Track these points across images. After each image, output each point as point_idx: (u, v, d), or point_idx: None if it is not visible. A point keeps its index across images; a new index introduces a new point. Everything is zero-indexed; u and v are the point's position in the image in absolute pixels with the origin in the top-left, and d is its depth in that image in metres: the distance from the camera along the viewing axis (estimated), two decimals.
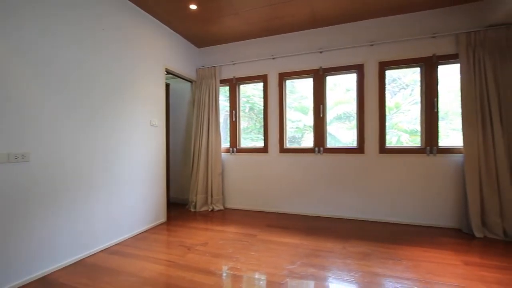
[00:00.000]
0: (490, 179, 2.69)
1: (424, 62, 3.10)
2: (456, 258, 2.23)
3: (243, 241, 2.65)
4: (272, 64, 3.79)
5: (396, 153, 3.21)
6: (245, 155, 3.94)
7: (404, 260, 2.20)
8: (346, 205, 3.40)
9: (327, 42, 3.50)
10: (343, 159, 3.42)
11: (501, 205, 2.65)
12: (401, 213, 3.18)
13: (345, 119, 3.76)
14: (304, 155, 3.62)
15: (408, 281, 1.88)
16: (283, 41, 3.72)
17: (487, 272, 2.00)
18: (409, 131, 3.46)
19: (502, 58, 2.71)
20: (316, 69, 3.55)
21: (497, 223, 2.64)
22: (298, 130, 4.03)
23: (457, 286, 1.82)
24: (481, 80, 2.75)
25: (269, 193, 3.78)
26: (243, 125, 4.22)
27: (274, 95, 3.78)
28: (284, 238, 2.72)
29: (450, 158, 3.00)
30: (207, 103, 3.96)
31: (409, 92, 3.47)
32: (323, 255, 2.30)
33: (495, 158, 2.67)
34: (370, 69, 3.31)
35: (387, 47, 3.24)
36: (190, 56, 4.03)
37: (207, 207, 3.90)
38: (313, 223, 3.24)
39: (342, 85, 3.69)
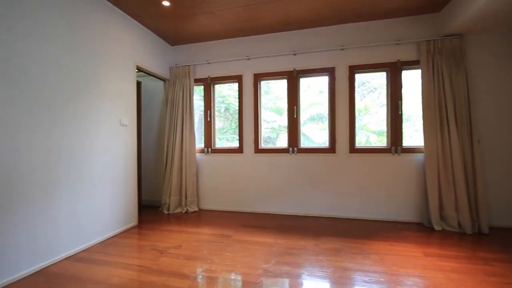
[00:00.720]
0: (447, 177, 2.93)
1: (389, 67, 3.30)
2: (418, 250, 2.40)
3: (218, 242, 2.63)
4: (247, 65, 3.80)
5: (365, 152, 3.38)
6: (220, 155, 3.92)
7: (372, 254, 2.32)
8: (319, 203, 3.51)
9: (300, 45, 3.59)
10: (316, 159, 3.53)
11: (456, 200, 2.89)
12: (370, 209, 3.35)
13: (318, 120, 3.88)
14: (278, 155, 3.68)
15: (375, 274, 1.99)
16: (258, 42, 3.75)
17: (444, 262, 2.18)
18: (377, 132, 3.65)
19: (456, 65, 2.96)
20: (290, 71, 3.63)
21: (453, 217, 2.89)
22: (273, 130, 4.08)
23: (418, 276, 1.95)
24: (439, 85, 2.99)
25: (244, 193, 3.79)
26: (218, 125, 4.18)
27: (249, 96, 3.80)
28: (259, 238, 2.74)
29: (413, 157, 3.22)
30: (181, 102, 3.88)
31: (377, 95, 3.66)
32: (296, 253, 2.36)
33: (451, 158, 2.92)
34: (341, 72, 3.45)
35: (357, 52, 3.39)
36: (163, 54, 3.92)
37: (181, 209, 3.82)
38: (287, 222, 3.31)
39: (315, 87, 3.80)
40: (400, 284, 1.85)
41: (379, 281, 1.88)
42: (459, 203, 2.87)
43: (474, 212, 2.85)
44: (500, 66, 3.00)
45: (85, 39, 2.57)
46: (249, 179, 3.78)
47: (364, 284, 1.85)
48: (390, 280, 1.90)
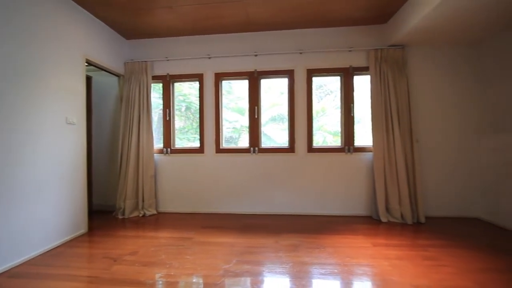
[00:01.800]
0: (391, 173, 3.25)
1: (343, 72, 3.54)
2: (367, 241, 2.62)
3: (178, 246, 2.55)
4: (208, 64, 3.75)
5: (321, 152, 3.57)
6: (180, 155, 3.80)
7: (327, 248, 2.47)
8: (279, 201, 3.62)
9: (262, 46, 3.65)
10: (276, 159, 3.63)
11: (399, 194, 3.22)
12: (326, 205, 3.55)
13: (279, 121, 3.99)
14: (240, 155, 3.70)
15: (330, 266, 2.12)
16: (220, 41, 3.72)
17: (389, 250, 2.41)
18: (332, 133, 3.88)
19: (399, 73, 3.30)
20: (251, 72, 3.67)
21: (396, 209, 3.21)
22: (235, 130, 4.09)
23: (367, 265, 2.13)
24: (385, 90, 3.29)
25: (205, 194, 3.74)
26: (179, 125, 4.05)
27: (210, 95, 3.75)
28: (220, 238, 2.73)
29: (363, 156, 3.50)
30: (137, 100, 3.67)
31: (333, 98, 3.89)
32: (257, 251, 2.40)
33: (395, 156, 3.24)
34: (299, 75, 3.60)
35: (314, 56, 3.57)
36: (118, 48, 3.67)
37: (138, 213, 3.62)
38: (248, 221, 3.34)
39: (276, 88, 3.90)
40: (352, 273, 2.00)
41: (334, 272, 2.01)
42: (402, 197, 3.20)
43: (413, 204, 3.21)
44: (435, 75, 3.42)
45: (25, 28, 2.29)
46: (210, 180, 3.73)
47: (320, 276, 1.96)
48: (343, 271, 2.04)
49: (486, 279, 1.90)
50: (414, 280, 1.88)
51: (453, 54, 3.41)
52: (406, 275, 1.95)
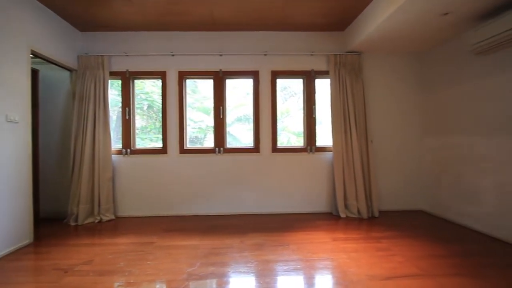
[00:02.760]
0: (349, 171, 3.47)
1: (305, 75, 3.69)
2: (327, 237, 2.77)
3: (138, 251, 2.43)
4: (171, 61, 3.63)
5: (285, 152, 3.68)
6: (141, 156, 3.62)
7: (291, 245, 2.55)
8: (245, 201, 3.64)
9: (227, 46, 3.64)
10: (241, 159, 3.65)
11: (356, 190, 3.46)
12: (290, 204, 3.66)
13: (245, 121, 4.02)
14: (205, 156, 3.65)
15: (293, 262, 2.20)
16: (184, 39, 3.63)
17: (347, 244, 2.57)
18: (296, 133, 4.02)
19: (355, 78, 3.54)
20: (216, 71, 3.64)
21: (354, 205, 3.44)
22: (200, 130, 4.02)
23: (327, 259, 2.25)
24: (343, 94, 3.51)
25: (169, 196, 3.61)
26: (140, 124, 3.86)
27: (174, 94, 3.64)
28: (183, 241, 2.66)
29: (324, 155, 3.68)
30: (93, 97, 3.41)
31: (296, 99, 4.03)
32: (222, 252, 2.39)
33: (352, 155, 3.47)
34: (264, 76, 3.66)
35: (278, 58, 3.66)
36: (70, 40, 3.37)
37: (94, 219, 3.36)
38: (213, 222, 3.31)
39: (242, 89, 3.92)
40: (313, 268, 2.10)
41: (296, 268, 2.09)
42: (358, 193, 3.43)
43: (368, 200, 3.47)
44: (387, 80, 3.73)
45: None
46: (174, 181, 3.62)
47: (284, 273, 2.02)
48: (305, 266, 2.13)
49: (429, 264, 2.12)
50: (369, 270, 2.03)
51: (402, 62, 3.75)
52: (362, 266, 2.10)
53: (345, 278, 1.94)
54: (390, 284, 1.84)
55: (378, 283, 1.85)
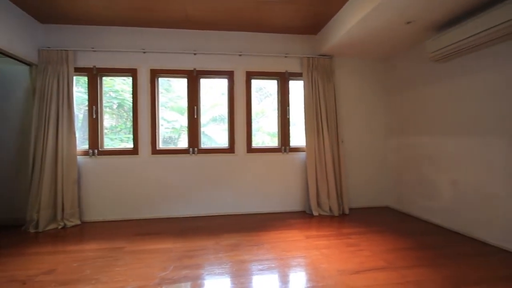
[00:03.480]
0: (321, 171, 3.58)
1: (279, 76, 3.75)
2: (301, 235, 2.84)
3: (106, 258, 2.32)
4: (143, 59, 3.50)
5: (260, 152, 3.72)
6: (110, 157, 3.45)
7: (265, 244, 2.58)
8: (220, 202, 3.62)
9: (201, 45, 3.59)
10: (216, 159, 3.62)
11: (328, 189, 3.58)
12: (265, 203, 3.70)
13: (220, 121, 3.99)
14: (178, 156, 3.56)
15: (268, 261, 2.23)
16: (156, 36, 3.51)
17: (320, 241, 2.66)
18: (271, 134, 4.07)
19: (327, 80, 3.67)
20: (191, 70, 3.58)
21: (326, 203, 3.57)
22: (174, 130, 3.92)
23: (301, 256, 2.31)
24: (316, 96, 3.61)
25: (140, 199, 3.48)
26: (110, 124, 3.67)
27: (146, 92, 3.51)
28: (156, 245, 2.58)
29: (298, 155, 3.77)
30: (55, 94, 3.19)
31: (272, 100, 4.08)
32: (196, 255, 2.36)
33: (324, 155, 3.59)
34: (239, 77, 3.66)
35: (253, 59, 3.68)
36: (28, 32, 3.12)
37: (57, 225, 3.14)
38: (188, 224, 3.25)
39: (217, 88, 3.89)
40: (287, 266, 2.14)
41: (271, 267, 2.12)
42: (330, 191, 3.56)
43: (339, 198, 3.62)
44: (356, 83, 3.92)
45: None
46: (146, 183, 3.50)
47: (259, 272, 2.04)
48: (280, 264, 2.16)
49: (394, 257, 2.26)
50: (340, 266, 2.12)
51: (370, 67, 3.96)
52: (333, 262, 2.19)
53: (317, 274, 2.00)
54: (359, 278, 1.93)
55: (348, 277, 1.94)
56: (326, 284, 1.85)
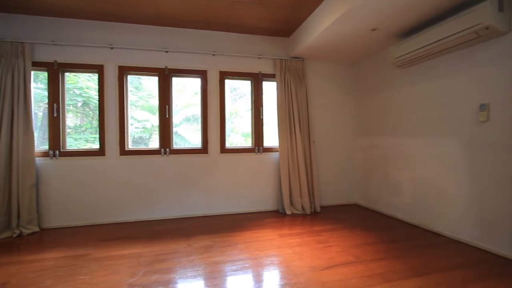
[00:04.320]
0: (294, 170, 3.67)
1: (253, 77, 3.78)
2: (274, 233, 2.88)
3: (69, 267, 2.17)
4: (110, 54, 3.32)
5: (234, 152, 3.71)
6: (74, 159, 3.23)
7: (239, 244, 2.59)
8: (193, 203, 3.56)
9: (173, 43, 3.49)
10: (189, 160, 3.55)
11: (300, 188, 3.68)
12: (239, 204, 3.70)
13: (194, 121, 3.91)
14: (149, 157, 3.44)
15: (241, 261, 2.23)
16: (125, 32, 3.36)
17: (292, 239, 2.72)
18: (245, 134, 4.08)
19: (299, 82, 3.76)
20: (162, 69, 3.47)
21: (298, 202, 3.66)
22: (145, 130, 3.77)
23: (274, 255, 2.35)
24: (288, 97, 3.69)
25: (107, 202, 3.31)
26: (74, 123, 3.44)
27: (113, 90, 3.34)
28: (124, 250, 2.47)
29: (271, 155, 3.83)
30: (9, 90, 2.92)
31: (246, 101, 4.08)
32: (168, 258, 2.30)
33: (296, 155, 3.68)
34: (212, 76, 3.63)
35: (227, 59, 3.66)
36: None
37: (11, 233, 2.88)
38: (159, 227, 3.15)
39: (191, 88, 3.81)
40: (261, 265, 2.17)
41: (244, 267, 2.13)
42: (302, 190, 3.66)
43: (311, 197, 3.73)
44: (327, 86, 4.06)
45: None
46: (113, 185, 3.33)
47: (232, 273, 2.04)
48: (253, 264, 2.18)
49: (361, 251, 2.39)
50: (311, 262, 2.19)
51: (339, 70, 4.13)
52: (305, 259, 2.25)
53: (290, 271, 2.05)
54: (329, 273, 2.01)
55: (319, 273, 2.01)
56: (298, 281, 1.90)
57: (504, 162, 2.24)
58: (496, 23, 2.10)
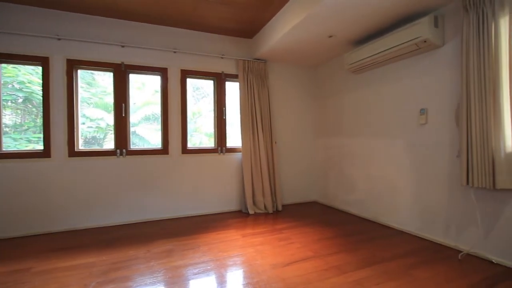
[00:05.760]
0: (257, 170, 3.73)
1: (216, 77, 3.75)
2: (237, 234, 2.89)
3: (6, 284, 1.93)
4: (57, 46, 3.02)
5: (196, 153, 3.64)
6: (12, 162, 2.87)
7: (201, 247, 2.55)
8: (153, 207, 3.41)
9: (131, 38, 3.30)
10: (148, 161, 3.40)
11: (263, 187, 3.75)
12: (202, 205, 3.64)
13: (154, 120, 3.74)
14: (103, 158, 3.21)
15: (204, 263, 2.20)
16: (76, 22, 3.08)
17: (255, 238, 2.76)
18: (208, 134, 4.02)
19: (261, 83, 3.84)
20: (118, 64, 3.26)
21: (261, 201, 3.72)
22: (99, 129, 3.50)
23: (237, 255, 2.36)
24: (251, 98, 3.74)
25: (54, 209, 3.00)
26: (14, 121, 3.05)
27: (61, 85, 3.05)
28: (74, 261, 2.27)
29: (234, 155, 3.83)
30: None
31: (209, 100, 4.02)
32: (124, 266, 2.17)
33: (259, 155, 3.74)
34: (173, 75, 3.51)
35: (189, 57, 3.58)
36: None
37: None
38: (115, 233, 2.96)
39: (151, 86, 3.64)
40: (224, 266, 2.16)
41: (207, 270, 2.10)
42: (265, 190, 3.73)
43: (273, 196, 3.82)
44: (288, 88, 4.20)
45: None
46: (61, 190, 3.04)
47: (194, 276, 2.00)
48: (216, 266, 2.16)
49: (320, 246, 2.52)
50: (273, 260, 2.25)
51: (300, 73, 4.30)
52: (267, 257, 2.30)
53: (252, 270, 2.08)
54: (290, 269, 2.09)
55: (280, 270, 2.07)
56: (260, 280, 1.94)
57: (439, 160, 2.54)
58: (432, 37, 2.38)
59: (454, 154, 2.41)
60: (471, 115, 2.13)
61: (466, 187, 2.30)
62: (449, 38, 2.44)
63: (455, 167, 2.41)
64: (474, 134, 2.12)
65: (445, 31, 2.47)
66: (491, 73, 2.02)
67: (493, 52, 2.00)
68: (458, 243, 2.41)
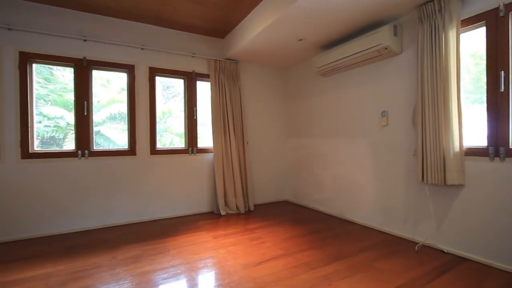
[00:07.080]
0: (228, 171, 3.71)
1: (186, 76, 3.67)
2: (208, 235, 2.86)
3: None
4: (9, 38, 2.75)
5: (165, 154, 3.53)
6: None
7: (171, 250, 2.47)
8: (119, 211, 3.24)
9: (94, 31, 3.11)
10: (113, 162, 3.22)
11: (235, 188, 3.74)
12: (172, 207, 3.54)
13: (120, 120, 3.56)
14: (63, 160, 2.98)
15: (174, 267, 2.14)
16: (30, 11, 2.82)
17: (227, 239, 2.74)
18: (179, 134, 3.92)
19: (233, 84, 3.83)
20: (79, 59, 3.05)
21: (233, 202, 3.71)
22: (58, 129, 3.24)
23: (208, 257, 2.33)
24: (223, 98, 3.71)
25: (9, 216, 2.72)
26: None
27: (11, 80, 2.77)
28: (27, 272, 2.08)
29: (206, 156, 3.78)
30: None
31: (180, 100, 3.92)
32: (86, 275, 2.04)
33: (231, 155, 3.73)
34: (141, 72, 3.37)
35: (158, 55, 3.46)
36: None
37: None
38: (76, 240, 2.76)
39: (116, 83, 3.45)
40: (194, 269, 2.12)
41: (177, 273, 2.05)
42: (237, 190, 3.73)
43: (245, 196, 3.83)
44: (259, 88, 4.24)
45: None
46: (16, 195, 2.76)
47: (163, 281, 1.94)
48: (186, 269, 2.12)
49: (290, 244, 2.57)
50: (244, 260, 2.25)
51: (271, 74, 4.36)
52: (238, 258, 2.30)
53: (223, 271, 2.07)
54: (261, 268, 2.11)
55: (251, 270, 2.08)
56: (232, 280, 1.93)
57: (398, 159, 2.74)
58: (392, 45, 2.56)
59: (411, 154, 2.61)
60: (426, 118, 2.33)
61: (422, 183, 2.51)
62: (407, 46, 2.64)
63: (412, 166, 2.62)
64: (428, 135, 2.31)
65: (403, 40, 2.67)
66: (441, 79, 2.22)
67: (443, 60, 2.21)
68: (415, 235, 2.62)
